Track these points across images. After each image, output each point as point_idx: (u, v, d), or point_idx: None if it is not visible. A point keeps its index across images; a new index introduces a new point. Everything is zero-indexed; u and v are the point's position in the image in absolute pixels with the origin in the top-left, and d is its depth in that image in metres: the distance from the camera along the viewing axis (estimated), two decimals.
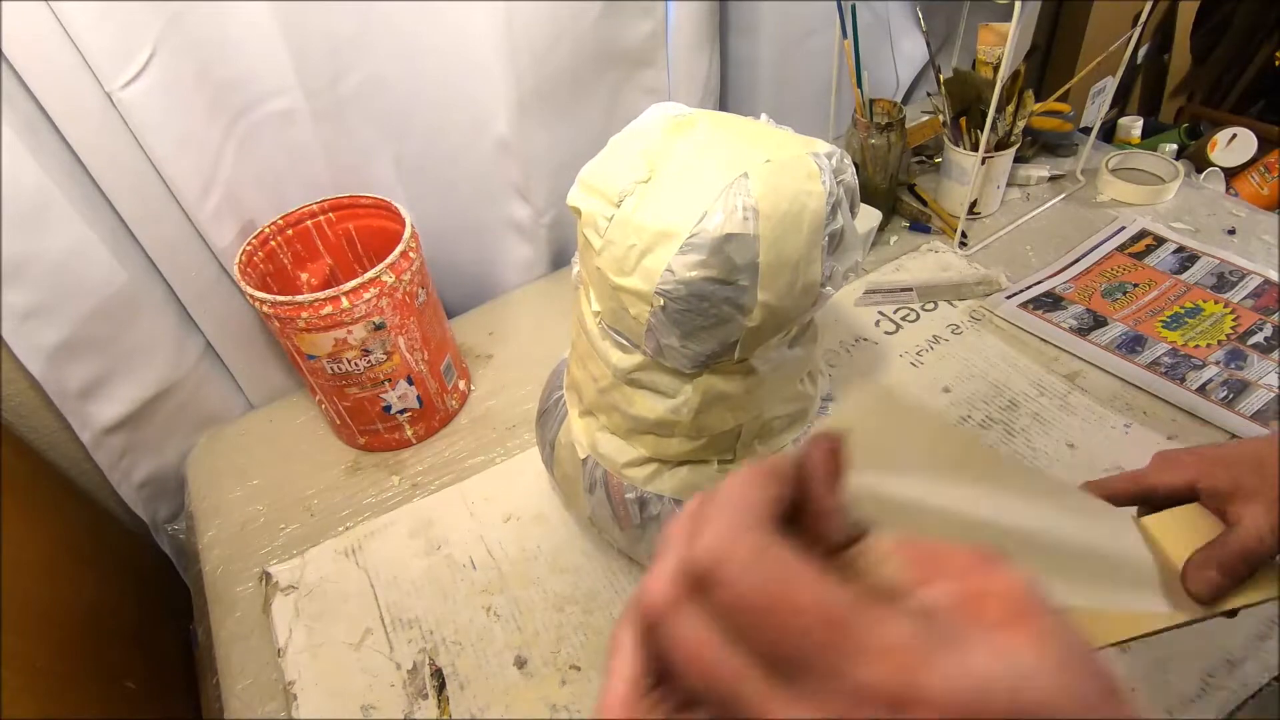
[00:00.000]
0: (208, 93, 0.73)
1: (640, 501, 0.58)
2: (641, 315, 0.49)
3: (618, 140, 0.53)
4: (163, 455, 0.86)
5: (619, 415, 0.57)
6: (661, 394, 0.54)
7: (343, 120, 0.82)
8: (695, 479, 0.57)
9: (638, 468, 0.57)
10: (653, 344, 0.51)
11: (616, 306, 0.51)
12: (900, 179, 1.01)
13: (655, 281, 0.47)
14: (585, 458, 0.60)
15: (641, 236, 0.47)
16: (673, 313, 0.48)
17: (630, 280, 0.48)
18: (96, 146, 0.67)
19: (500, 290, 1.01)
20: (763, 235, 0.46)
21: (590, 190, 0.51)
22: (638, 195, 0.49)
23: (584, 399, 0.60)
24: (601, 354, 0.55)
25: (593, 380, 0.57)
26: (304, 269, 0.82)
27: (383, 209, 0.79)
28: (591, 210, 0.50)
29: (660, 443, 0.56)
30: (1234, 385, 0.75)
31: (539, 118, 0.86)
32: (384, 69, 0.80)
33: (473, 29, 0.78)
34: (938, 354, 0.84)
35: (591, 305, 0.55)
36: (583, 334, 0.57)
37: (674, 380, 0.53)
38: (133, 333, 0.76)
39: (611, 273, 0.49)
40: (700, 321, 0.48)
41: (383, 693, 0.62)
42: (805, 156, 0.48)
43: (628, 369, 0.54)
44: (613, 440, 0.58)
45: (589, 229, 0.51)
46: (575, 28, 0.83)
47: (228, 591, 0.71)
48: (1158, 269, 0.90)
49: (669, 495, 0.57)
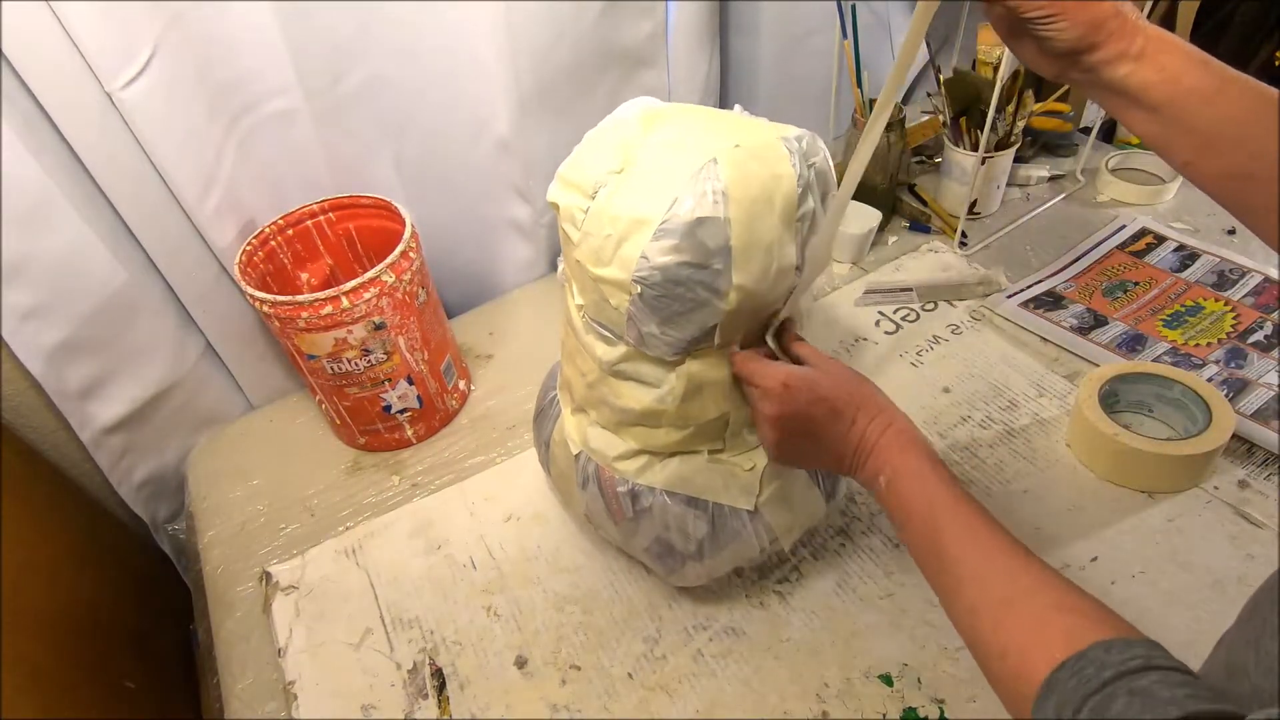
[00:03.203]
0: (208, 93, 0.73)
1: (632, 494, 0.58)
2: (622, 305, 0.50)
3: (592, 134, 0.54)
4: (163, 455, 0.86)
5: (608, 409, 0.57)
6: (647, 384, 0.55)
7: (343, 120, 0.82)
8: (685, 470, 0.57)
9: (628, 460, 0.58)
10: (634, 333, 0.52)
11: (598, 298, 0.52)
12: (900, 179, 1.01)
13: (632, 269, 0.48)
14: (578, 453, 0.60)
15: (617, 226, 0.48)
16: (650, 299, 0.49)
17: (609, 270, 0.49)
18: (96, 146, 0.67)
19: (500, 290, 1.01)
20: (734, 218, 0.47)
21: (567, 184, 0.52)
22: (611, 186, 0.50)
23: (575, 396, 0.61)
24: (587, 348, 0.55)
25: (581, 376, 0.58)
26: (304, 269, 0.82)
27: (383, 209, 0.79)
28: (569, 204, 0.51)
29: (649, 434, 0.56)
30: (1234, 384, 0.75)
31: (539, 118, 0.86)
32: (384, 69, 0.80)
33: (473, 29, 0.78)
34: (938, 354, 0.84)
35: (575, 299, 0.56)
36: (570, 330, 0.58)
37: (658, 369, 0.54)
38: (133, 333, 0.76)
39: (590, 264, 0.50)
40: (677, 307, 0.49)
41: (383, 693, 0.62)
42: (775, 141, 0.49)
43: (613, 360, 0.54)
44: (603, 434, 0.59)
45: (567, 223, 0.52)
46: (575, 28, 0.83)
47: (228, 591, 0.71)
48: (1158, 267, 0.90)
49: (660, 487, 0.57)
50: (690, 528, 0.57)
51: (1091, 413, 0.69)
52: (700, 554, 0.58)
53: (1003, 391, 0.79)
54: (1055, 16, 0.43)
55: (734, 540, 0.58)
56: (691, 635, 0.63)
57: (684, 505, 0.57)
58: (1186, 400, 0.70)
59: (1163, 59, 0.43)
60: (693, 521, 0.57)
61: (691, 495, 0.57)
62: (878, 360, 0.84)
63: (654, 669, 0.61)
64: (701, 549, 0.58)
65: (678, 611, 0.65)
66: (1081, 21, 0.43)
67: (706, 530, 0.57)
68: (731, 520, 0.57)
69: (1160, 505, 0.68)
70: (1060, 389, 0.79)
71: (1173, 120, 0.44)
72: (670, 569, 0.61)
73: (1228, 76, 0.43)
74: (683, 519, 0.57)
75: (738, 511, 0.57)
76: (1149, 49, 0.43)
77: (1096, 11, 0.43)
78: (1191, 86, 0.43)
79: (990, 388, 0.80)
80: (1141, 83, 0.44)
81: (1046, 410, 0.77)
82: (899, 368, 0.83)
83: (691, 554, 0.59)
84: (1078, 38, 0.44)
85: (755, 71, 1.06)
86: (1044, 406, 0.77)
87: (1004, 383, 0.80)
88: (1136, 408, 0.74)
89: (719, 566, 0.61)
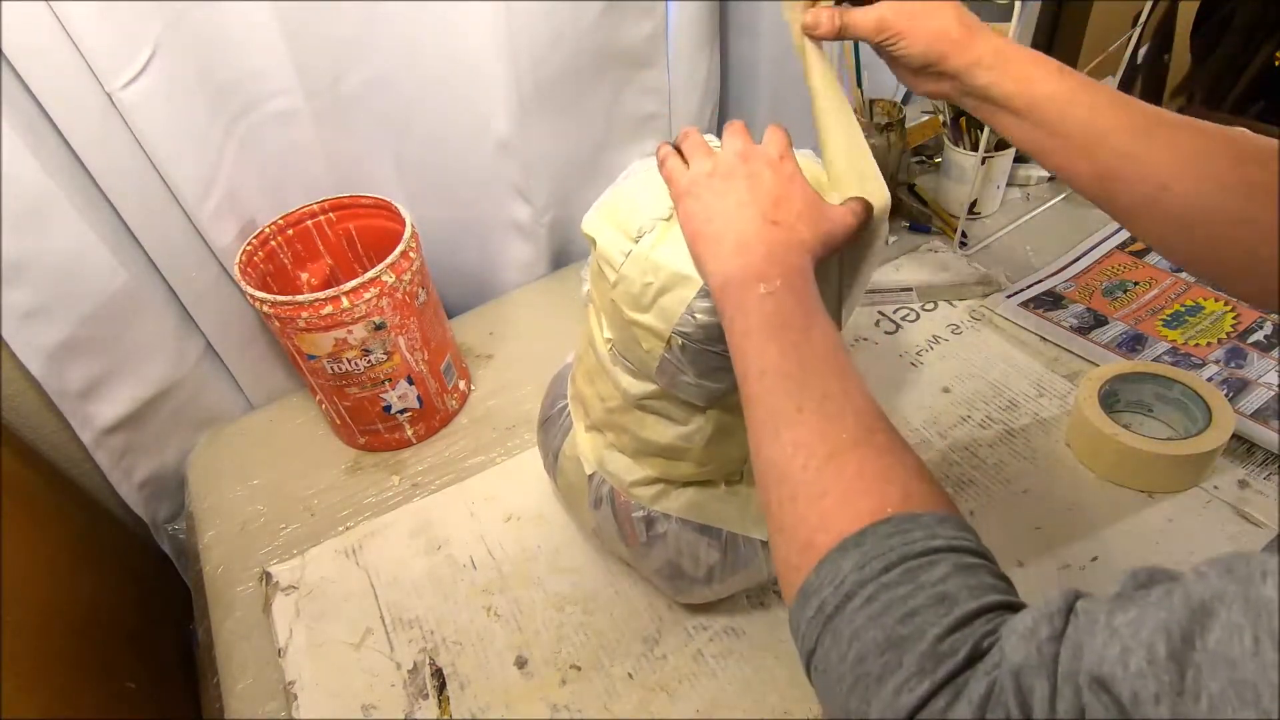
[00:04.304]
0: (208, 93, 0.73)
1: (648, 520, 0.58)
2: (655, 350, 0.49)
3: (639, 169, 0.52)
4: (163, 455, 0.86)
5: (628, 436, 0.56)
6: (673, 421, 0.54)
7: (343, 120, 0.82)
8: (702, 499, 0.57)
9: (645, 487, 0.57)
10: (666, 379, 0.50)
11: (629, 338, 0.51)
12: (900, 179, 1.01)
13: (672, 321, 0.47)
14: (592, 474, 0.60)
15: (659, 276, 0.47)
16: (691, 353, 0.48)
17: (645, 317, 0.48)
18: (96, 146, 0.67)
19: (500, 290, 1.01)
20: None
21: (608, 221, 0.50)
22: (657, 232, 0.48)
23: (591, 415, 0.60)
24: (612, 377, 0.54)
25: (600, 400, 0.57)
26: (304, 269, 0.82)
27: (383, 209, 0.79)
28: (608, 243, 0.49)
29: (669, 465, 0.56)
30: (1234, 384, 0.75)
31: (539, 118, 0.86)
32: (384, 69, 0.80)
33: (473, 29, 0.78)
34: (938, 354, 0.84)
35: (603, 331, 0.54)
36: (591, 352, 0.57)
37: (686, 410, 0.53)
38: (133, 333, 0.76)
39: (626, 306, 0.49)
40: (717, 362, 0.48)
41: (383, 693, 0.62)
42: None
43: (639, 395, 0.53)
44: (620, 459, 0.58)
45: (604, 261, 0.50)
46: (575, 28, 0.83)
47: (228, 591, 0.71)
48: (1158, 266, 0.90)
49: (676, 515, 0.57)
50: (702, 554, 0.57)
51: (1091, 412, 0.69)
52: (710, 579, 0.58)
53: (1002, 391, 0.79)
54: (897, 36, 0.49)
55: (745, 567, 0.58)
56: (691, 635, 0.63)
57: (697, 533, 0.57)
58: (1186, 400, 0.70)
59: (1016, 68, 0.47)
60: (705, 549, 0.57)
61: (706, 524, 0.57)
62: (878, 360, 0.84)
63: (654, 669, 0.61)
64: (711, 575, 0.58)
65: (678, 611, 0.65)
66: (922, 37, 0.48)
67: (718, 558, 0.57)
68: (744, 548, 0.57)
69: (1160, 505, 0.68)
70: (1060, 389, 0.79)
71: (1038, 125, 0.47)
72: (679, 589, 0.61)
73: (1082, 82, 0.46)
74: (695, 546, 0.57)
75: (751, 540, 0.57)
76: (1000, 59, 0.47)
77: (935, 24, 0.48)
78: (1049, 93, 0.46)
79: (990, 388, 0.80)
80: (1003, 92, 0.47)
81: (1046, 410, 0.77)
82: (899, 368, 0.83)
83: (701, 579, 0.59)
84: (923, 51, 0.48)
85: (755, 72, 1.06)
86: (1044, 406, 0.77)
87: (1004, 382, 0.80)
88: (1136, 407, 0.74)
89: (727, 590, 0.61)
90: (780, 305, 0.41)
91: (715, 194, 0.46)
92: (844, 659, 0.31)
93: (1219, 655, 0.23)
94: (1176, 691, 0.23)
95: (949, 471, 0.72)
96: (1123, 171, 0.45)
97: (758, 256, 0.43)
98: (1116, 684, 0.24)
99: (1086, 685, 0.25)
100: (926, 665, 0.29)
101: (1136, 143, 0.44)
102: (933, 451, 0.74)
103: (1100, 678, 0.25)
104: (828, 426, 0.37)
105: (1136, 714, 0.24)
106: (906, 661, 0.29)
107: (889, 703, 0.29)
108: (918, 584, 0.31)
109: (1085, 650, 0.26)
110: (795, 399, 0.38)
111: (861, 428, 0.37)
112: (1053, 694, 0.26)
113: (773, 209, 0.45)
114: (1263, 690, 0.22)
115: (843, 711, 0.31)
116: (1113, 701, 0.24)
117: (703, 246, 0.45)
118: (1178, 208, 0.43)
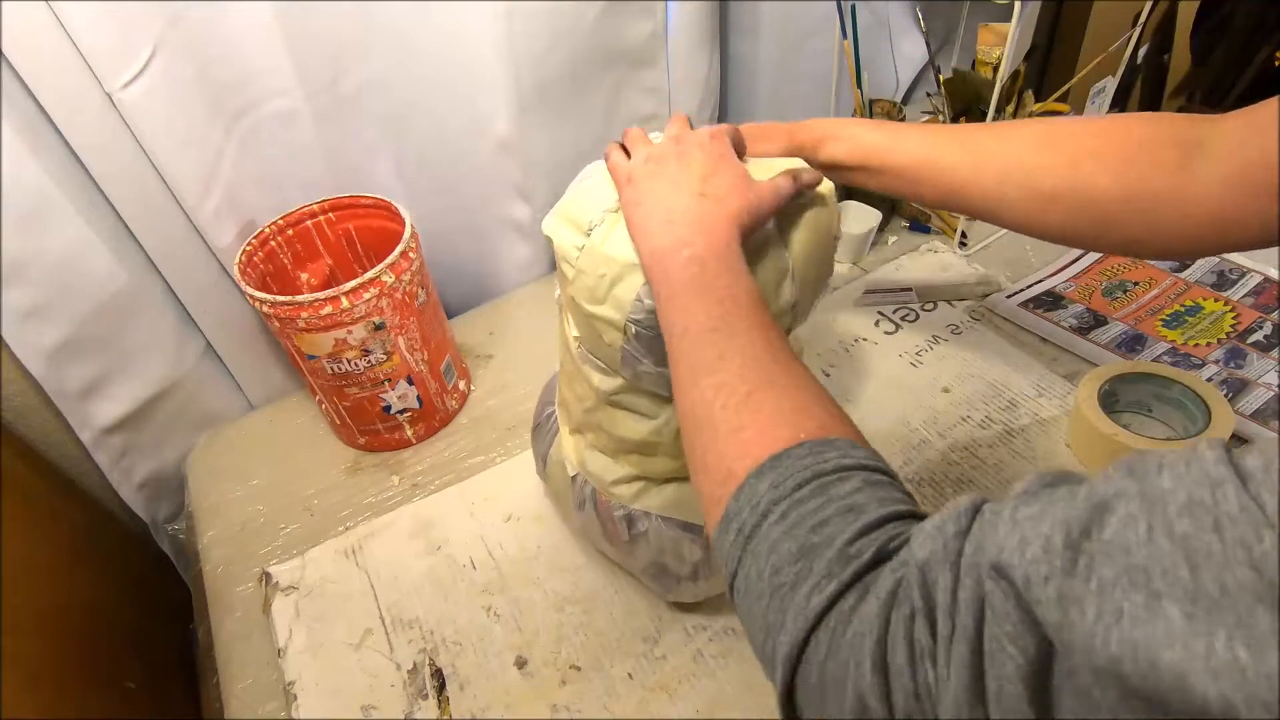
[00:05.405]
0: (208, 93, 0.73)
1: (628, 518, 0.58)
2: (615, 342, 0.50)
3: (592, 168, 0.54)
4: (163, 455, 0.86)
5: (605, 435, 0.57)
6: (643, 415, 0.55)
7: (343, 121, 0.82)
8: (682, 496, 0.57)
9: (625, 485, 0.58)
10: (629, 370, 0.51)
11: (591, 333, 0.51)
12: None
13: (626, 310, 0.47)
14: (574, 475, 0.60)
15: (611, 266, 0.48)
16: (646, 340, 0.48)
17: (602, 309, 0.49)
18: (96, 146, 0.67)
19: (500, 290, 1.01)
20: None
21: (563, 220, 0.52)
22: (606, 224, 0.49)
23: (572, 417, 0.61)
24: (584, 376, 0.55)
25: (578, 400, 0.58)
26: (304, 269, 0.82)
27: (383, 209, 0.79)
28: (563, 240, 0.51)
29: (646, 461, 0.56)
30: (1234, 384, 0.75)
31: (539, 118, 0.86)
32: (384, 69, 0.80)
33: (473, 29, 0.78)
34: (937, 354, 0.84)
35: (571, 330, 0.55)
36: (567, 355, 0.58)
37: (654, 403, 0.54)
38: (133, 333, 0.76)
39: (584, 301, 0.50)
40: None
41: (383, 693, 0.62)
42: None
43: (609, 391, 0.54)
44: (600, 458, 0.59)
45: (562, 259, 0.51)
46: (575, 28, 0.83)
47: (228, 591, 0.71)
48: (1157, 267, 0.90)
49: (656, 512, 0.57)
50: (685, 552, 0.57)
51: (1091, 413, 0.69)
52: (695, 576, 0.59)
53: (1002, 391, 0.79)
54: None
55: None
56: (691, 635, 0.63)
57: (679, 530, 0.57)
58: (1186, 400, 0.70)
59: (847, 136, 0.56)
60: (688, 546, 0.57)
61: (687, 520, 0.57)
62: (878, 360, 0.84)
63: (654, 669, 0.61)
64: (696, 572, 0.58)
65: (678, 611, 0.65)
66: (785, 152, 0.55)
67: (701, 555, 0.57)
68: None
69: None
70: (1060, 389, 0.79)
71: (880, 173, 0.56)
72: (666, 588, 0.61)
73: (898, 129, 0.56)
74: (678, 543, 0.57)
75: None
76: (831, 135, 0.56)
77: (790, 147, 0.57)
78: (872, 145, 0.55)
79: (990, 388, 0.80)
80: (841, 156, 0.56)
81: (1046, 410, 0.77)
82: (899, 368, 0.83)
83: (686, 576, 0.59)
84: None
85: (755, 72, 1.06)
86: (1043, 406, 0.77)
87: (1003, 383, 0.80)
88: (1136, 408, 0.74)
89: (714, 587, 0.61)
90: (704, 268, 0.43)
91: (650, 177, 0.48)
92: (761, 575, 0.32)
93: (1114, 544, 0.23)
94: (1067, 574, 0.24)
95: (949, 471, 0.72)
96: (964, 186, 0.52)
97: (682, 227, 0.45)
98: (1012, 570, 0.25)
99: (986, 574, 0.26)
100: (834, 568, 0.30)
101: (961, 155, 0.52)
102: (933, 451, 0.74)
103: (999, 564, 0.26)
104: (747, 370, 0.39)
105: (1029, 596, 0.25)
106: (816, 567, 0.30)
107: (801, 607, 0.30)
108: (828, 497, 0.32)
109: (988, 542, 0.27)
110: (718, 349, 0.40)
111: (779, 369, 0.39)
112: (955, 583, 0.27)
113: (701, 184, 0.47)
114: (1154, 573, 0.22)
115: (763, 629, 0.32)
116: (1010, 585, 0.25)
117: (636, 228, 0.47)
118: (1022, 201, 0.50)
